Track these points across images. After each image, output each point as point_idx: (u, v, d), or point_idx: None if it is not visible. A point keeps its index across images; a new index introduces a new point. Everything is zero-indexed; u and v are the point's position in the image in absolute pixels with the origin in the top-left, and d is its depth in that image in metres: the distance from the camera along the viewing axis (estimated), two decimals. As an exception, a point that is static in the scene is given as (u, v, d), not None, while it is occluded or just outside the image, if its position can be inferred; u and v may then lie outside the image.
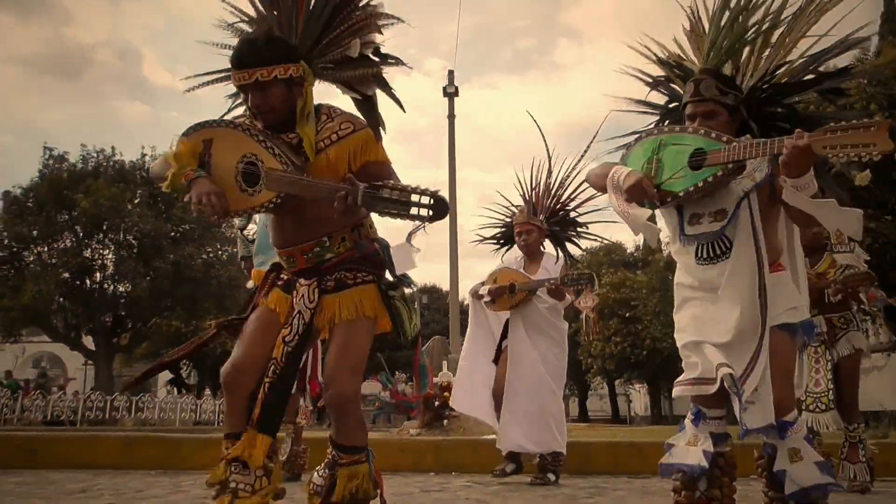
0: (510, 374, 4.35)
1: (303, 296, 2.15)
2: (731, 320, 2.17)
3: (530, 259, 4.58)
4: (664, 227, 2.46)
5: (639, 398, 37.25)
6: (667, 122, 2.56)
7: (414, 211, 1.87)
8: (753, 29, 2.34)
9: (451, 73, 15.70)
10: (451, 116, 15.10)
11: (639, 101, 2.66)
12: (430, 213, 1.88)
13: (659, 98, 2.66)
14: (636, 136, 2.46)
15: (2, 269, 23.21)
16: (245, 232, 4.60)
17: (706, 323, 2.25)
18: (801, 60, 2.35)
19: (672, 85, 2.60)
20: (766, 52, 2.36)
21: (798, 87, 2.36)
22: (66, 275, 23.13)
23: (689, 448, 2.24)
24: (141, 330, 25.19)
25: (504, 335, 4.56)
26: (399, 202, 1.88)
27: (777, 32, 2.34)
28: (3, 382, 17.70)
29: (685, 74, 2.50)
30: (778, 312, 2.18)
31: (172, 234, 23.57)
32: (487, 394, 4.53)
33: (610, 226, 2.04)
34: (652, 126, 2.50)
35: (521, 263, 4.59)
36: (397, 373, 36.29)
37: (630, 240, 33.03)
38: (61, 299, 23.36)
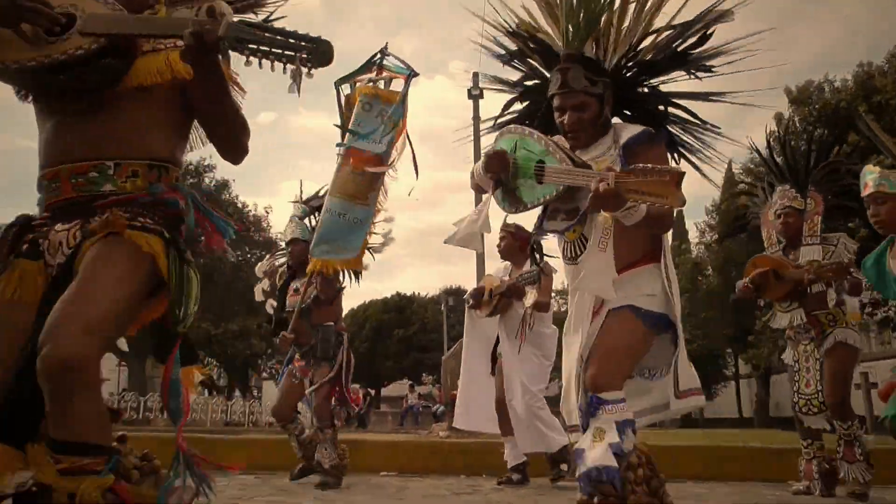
0: (505, 384, 4.33)
1: (59, 245, 1.57)
2: (581, 325, 2.15)
3: (515, 265, 4.59)
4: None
5: (668, 401, 36.82)
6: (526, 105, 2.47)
7: (291, 53, 1.46)
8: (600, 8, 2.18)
9: (475, 75, 15.59)
10: (476, 119, 15.09)
11: (495, 78, 2.53)
12: (310, 55, 1.47)
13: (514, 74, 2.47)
14: (501, 130, 2.34)
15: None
16: (293, 215, 4.59)
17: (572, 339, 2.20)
18: (665, 33, 2.21)
19: (529, 60, 2.42)
20: (626, 24, 2.21)
21: (664, 66, 2.23)
22: (101, 277, 23.63)
23: (598, 444, 1.98)
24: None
25: (497, 343, 4.55)
26: (274, 40, 1.45)
27: (633, 3, 2.19)
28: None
29: (541, 49, 2.35)
30: (623, 297, 2.09)
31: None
32: (487, 404, 4.49)
33: None
34: (512, 124, 2.39)
35: (507, 271, 4.62)
36: (424, 375, 36.43)
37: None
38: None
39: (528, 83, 2.47)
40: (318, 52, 1.47)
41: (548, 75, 2.37)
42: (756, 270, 3.87)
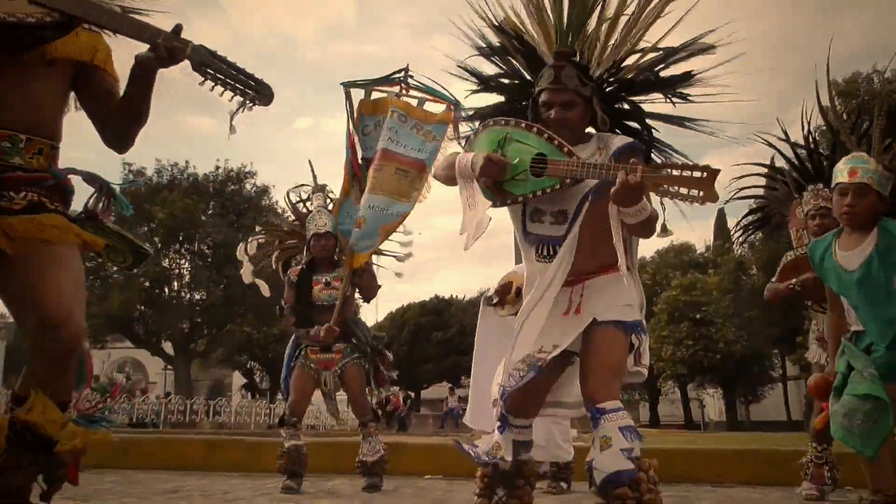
0: None
1: None
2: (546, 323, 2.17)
3: None
4: (512, 221, 2.36)
5: (712, 403, 36.11)
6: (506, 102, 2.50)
7: (240, 87, 1.69)
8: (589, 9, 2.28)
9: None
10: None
11: (467, 70, 2.56)
12: (256, 94, 1.71)
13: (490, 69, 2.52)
14: (483, 123, 2.36)
15: (89, 279, 24.51)
16: (319, 206, 4.55)
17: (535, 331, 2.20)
18: (649, 56, 2.30)
19: (509, 58, 2.45)
20: (613, 41, 2.29)
21: (643, 87, 2.33)
22: (147, 284, 24.23)
23: (495, 451, 2.23)
24: (216, 336, 26.12)
25: None
26: (233, 71, 1.68)
27: (622, 21, 2.27)
28: (93, 387, 18.65)
29: (526, 50, 2.40)
30: (608, 308, 2.16)
31: (243, 242, 24.43)
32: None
33: (678, 225, 1.97)
34: (499, 117, 2.37)
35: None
36: (462, 378, 36.39)
37: (700, 240, 32.17)
38: (142, 307, 24.48)
39: (505, 81, 2.51)
40: (263, 94, 1.68)
41: (527, 77, 2.44)
42: (805, 275, 3.72)
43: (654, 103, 2.40)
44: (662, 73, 2.32)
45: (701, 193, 1.85)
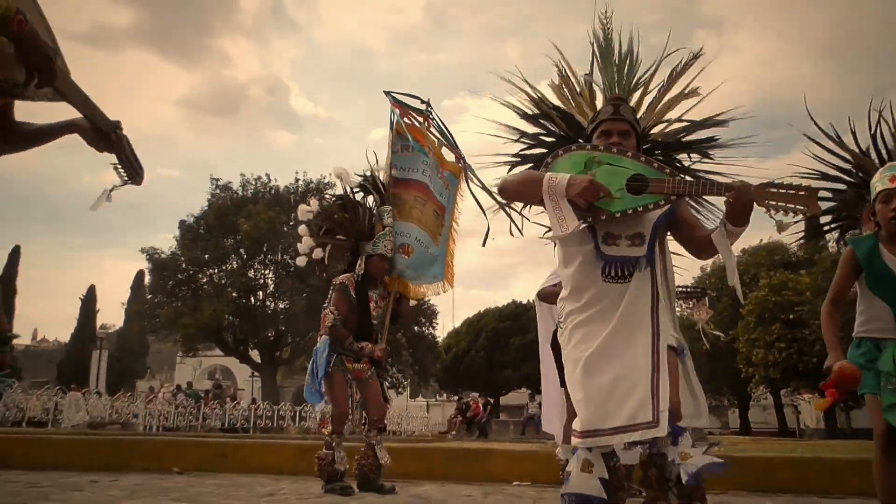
0: None
1: None
2: (628, 345, 2.27)
3: None
4: (562, 240, 2.49)
5: (808, 409, 34.28)
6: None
7: (122, 170, 2.04)
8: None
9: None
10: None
11: (514, 129, 3.31)
12: (131, 178, 2.06)
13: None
14: (564, 147, 2.53)
15: (182, 291, 25.73)
16: (388, 226, 4.50)
17: (604, 353, 2.29)
18: (675, 125, 2.97)
19: (542, 121, 3.19)
20: (640, 114, 2.88)
21: (673, 147, 2.99)
22: (234, 294, 25.20)
23: (585, 475, 2.24)
24: (300, 343, 26.87)
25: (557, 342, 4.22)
26: (132, 155, 2.04)
27: (646, 100, 2.95)
28: (187, 393, 19.56)
29: (563, 116, 3.22)
30: (666, 335, 2.31)
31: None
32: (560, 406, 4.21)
33: (768, 222, 2.19)
34: (583, 143, 2.57)
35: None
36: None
37: (793, 239, 30.66)
38: (229, 317, 25.47)
39: (547, 139, 3.19)
40: (135, 180, 2.06)
41: (563, 135, 3.16)
42: None
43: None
44: (685, 139, 2.97)
45: (806, 207, 2.10)
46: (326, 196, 5.11)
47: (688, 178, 2.30)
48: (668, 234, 2.51)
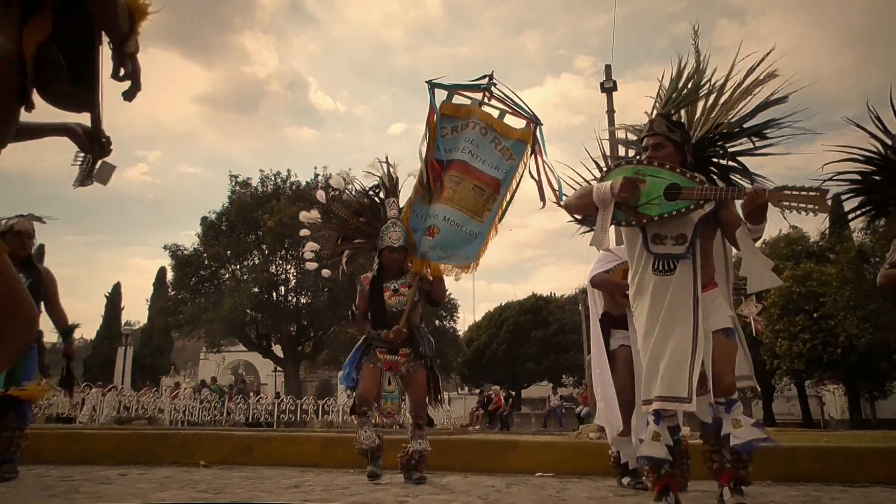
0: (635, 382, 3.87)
1: None
2: (675, 327, 2.80)
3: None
4: (627, 242, 3.06)
5: (833, 400, 33.84)
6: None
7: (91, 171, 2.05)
8: (692, 96, 3.24)
9: (608, 67, 15.28)
10: (611, 112, 14.71)
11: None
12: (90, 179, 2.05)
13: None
14: (616, 162, 3.16)
15: (205, 286, 26.03)
16: (393, 218, 4.58)
17: (663, 334, 2.82)
18: (736, 118, 3.18)
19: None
20: (714, 113, 3.18)
21: (737, 134, 3.19)
22: (256, 289, 25.44)
23: (654, 443, 2.82)
24: (322, 338, 27.08)
25: (605, 332, 4.17)
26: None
27: (721, 100, 3.16)
28: (211, 388, 19.83)
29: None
30: (716, 320, 2.83)
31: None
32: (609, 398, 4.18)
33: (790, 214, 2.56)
34: (630, 157, 3.25)
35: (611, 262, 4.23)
36: (563, 376, 35.93)
37: (814, 228, 30.29)
38: (251, 311, 25.72)
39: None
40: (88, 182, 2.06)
41: None
42: None
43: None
44: (746, 125, 3.21)
45: (816, 207, 2.48)
46: (335, 200, 5.07)
47: (716, 185, 2.84)
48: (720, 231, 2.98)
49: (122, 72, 1.83)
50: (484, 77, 4.73)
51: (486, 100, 4.72)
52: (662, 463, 2.82)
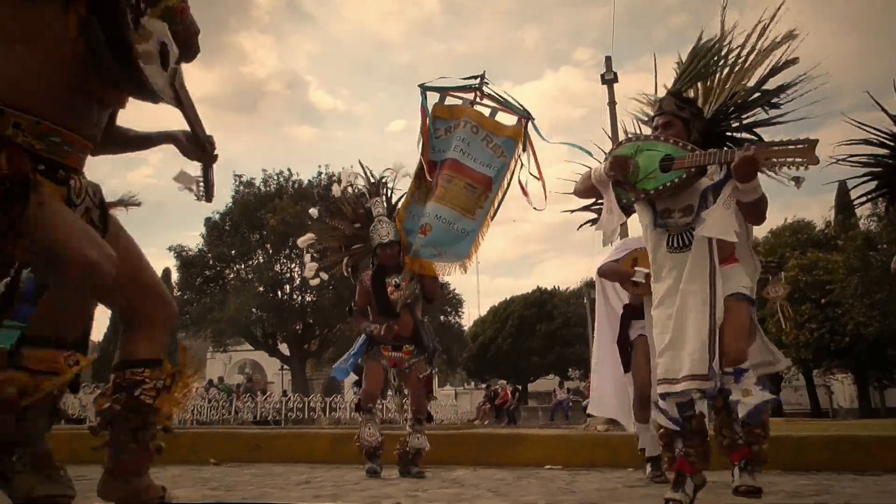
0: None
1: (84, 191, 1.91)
2: (692, 303, 2.70)
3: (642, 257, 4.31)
4: (641, 224, 3.00)
5: (841, 389, 33.78)
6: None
7: (203, 184, 2.21)
8: (712, 68, 3.10)
9: (608, 59, 15.24)
10: (612, 104, 14.66)
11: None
12: (202, 194, 2.19)
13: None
14: (619, 141, 3.09)
15: (209, 287, 26.08)
16: (379, 215, 4.66)
17: (681, 311, 2.72)
18: (748, 88, 3.10)
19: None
20: (728, 84, 3.09)
21: (751, 104, 3.11)
22: (261, 288, 25.47)
23: (661, 417, 2.78)
24: (327, 336, 27.11)
25: (626, 323, 4.18)
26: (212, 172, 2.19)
27: (734, 72, 3.08)
28: (219, 387, 19.90)
29: None
30: (731, 287, 2.75)
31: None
32: (620, 389, 4.25)
33: (793, 201, 2.61)
34: (631, 135, 3.16)
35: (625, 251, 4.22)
36: (570, 369, 35.92)
37: (818, 217, 30.18)
38: (255, 310, 25.76)
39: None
40: (209, 197, 2.22)
41: None
42: None
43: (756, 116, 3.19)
44: (762, 89, 3.10)
45: (804, 159, 2.40)
46: (332, 215, 5.12)
47: (708, 151, 2.70)
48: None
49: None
50: (475, 76, 4.79)
51: (477, 99, 4.78)
52: (674, 437, 2.72)
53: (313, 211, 5.24)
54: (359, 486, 3.90)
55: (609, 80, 14.73)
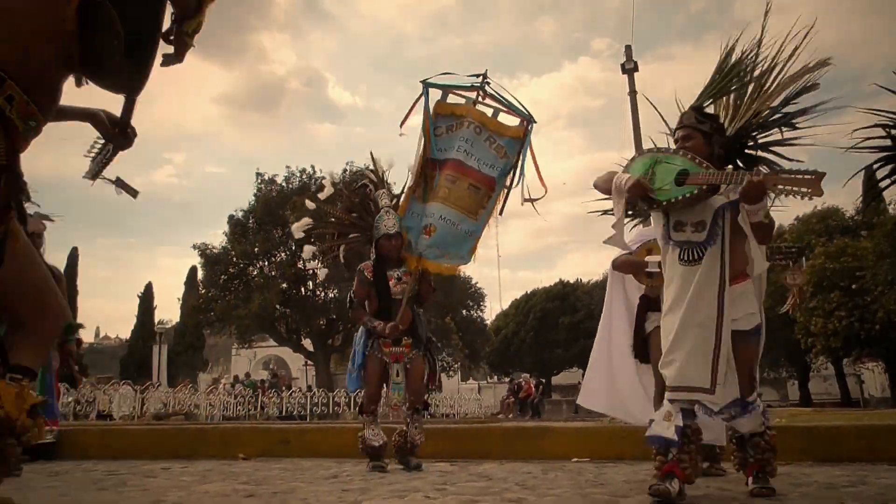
0: None
1: None
2: (699, 318, 2.80)
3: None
4: (656, 230, 3.10)
5: (872, 378, 33.24)
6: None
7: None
8: (734, 86, 3.17)
9: (628, 48, 15.09)
10: (633, 93, 14.51)
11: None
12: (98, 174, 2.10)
13: None
14: (640, 152, 3.14)
15: (234, 284, 26.34)
16: (386, 206, 4.66)
17: (685, 324, 2.82)
18: (772, 108, 3.13)
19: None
20: (755, 104, 3.13)
21: (773, 124, 3.15)
22: (284, 285, 25.68)
23: (665, 423, 2.82)
24: (351, 331, 27.22)
25: (641, 315, 4.12)
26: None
27: (762, 92, 3.11)
28: (244, 383, 20.13)
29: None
30: (736, 318, 2.84)
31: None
32: (627, 385, 4.17)
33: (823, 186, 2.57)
34: (652, 146, 3.18)
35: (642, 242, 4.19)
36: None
37: (849, 203, 29.63)
38: (281, 307, 25.98)
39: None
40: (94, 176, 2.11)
41: None
42: None
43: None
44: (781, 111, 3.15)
45: (810, 190, 2.51)
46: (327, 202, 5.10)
47: (724, 170, 2.82)
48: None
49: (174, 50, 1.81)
50: (478, 76, 4.78)
51: (480, 98, 4.77)
52: (670, 445, 2.78)
53: (310, 203, 5.23)
54: (385, 480, 3.91)
55: (629, 69, 14.60)
